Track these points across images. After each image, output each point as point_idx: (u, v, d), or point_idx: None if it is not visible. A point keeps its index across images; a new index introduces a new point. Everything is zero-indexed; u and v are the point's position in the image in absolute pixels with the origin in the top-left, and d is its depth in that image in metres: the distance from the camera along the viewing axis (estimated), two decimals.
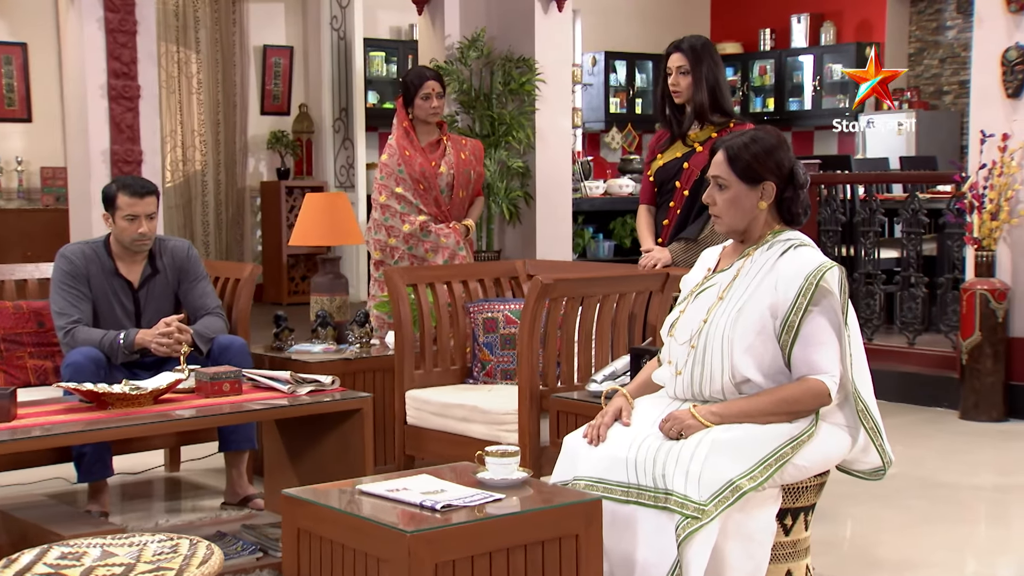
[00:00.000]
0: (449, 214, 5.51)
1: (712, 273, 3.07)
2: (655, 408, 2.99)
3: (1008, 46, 5.91)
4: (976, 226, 5.83)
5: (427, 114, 5.48)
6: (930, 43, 11.33)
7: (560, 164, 7.90)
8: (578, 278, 3.89)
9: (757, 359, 2.86)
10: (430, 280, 4.32)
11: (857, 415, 2.90)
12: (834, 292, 2.83)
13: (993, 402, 5.87)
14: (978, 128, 5.95)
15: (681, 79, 4.38)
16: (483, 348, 4.31)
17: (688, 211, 4.37)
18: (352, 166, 10.71)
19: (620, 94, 11.65)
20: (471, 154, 5.66)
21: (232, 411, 3.64)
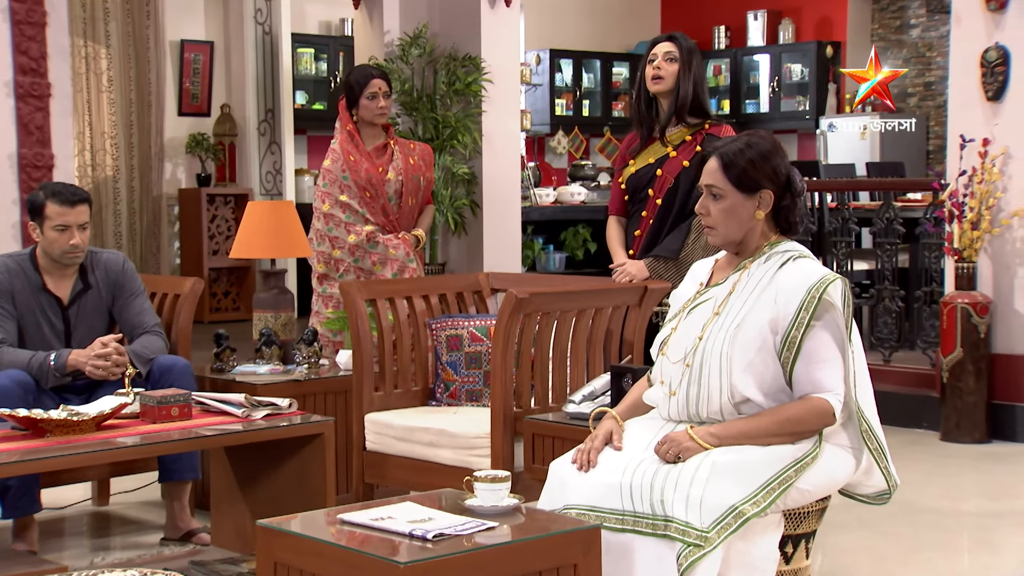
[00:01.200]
0: (398, 224, 5.55)
1: (705, 287, 3.14)
2: (647, 431, 3.05)
3: (987, 46, 6.09)
4: (956, 236, 6.00)
5: (373, 115, 5.52)
6: (893, 42, 11.60)
7: (508, 170, 7.95)
8: (554, 292, 3.95)
9: (757, 377, 2.93)
10: (389, 295, 4.35)
11: (861, 435, 2.99)
12: (837, 306, 2.91)
13: (976, 422, 6.04)
14: (957, 132, 6.13)
15: (667, 65, 4.45)
16: (446, 368, 4.35)
17: (661, 222, 4.44)
18: (279, 172, 10.68)
19: (566, 95, 11.77)
20: (420, 159, 5.70)
21: (182, 438, 3.63)
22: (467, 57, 7.68)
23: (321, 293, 5.52)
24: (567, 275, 7.44)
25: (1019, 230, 6.02)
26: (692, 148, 4.43)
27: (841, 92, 11.57)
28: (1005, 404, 6.09)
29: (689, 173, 4.41)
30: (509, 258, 7.85)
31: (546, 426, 3.74)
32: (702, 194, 4.35)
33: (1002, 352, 6.09)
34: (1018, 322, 6.06)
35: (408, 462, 4.10)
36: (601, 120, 11.94)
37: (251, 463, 3.97)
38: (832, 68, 11.48)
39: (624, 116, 12.09)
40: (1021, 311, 6.04)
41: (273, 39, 10.71)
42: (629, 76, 12.16)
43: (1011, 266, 6.06)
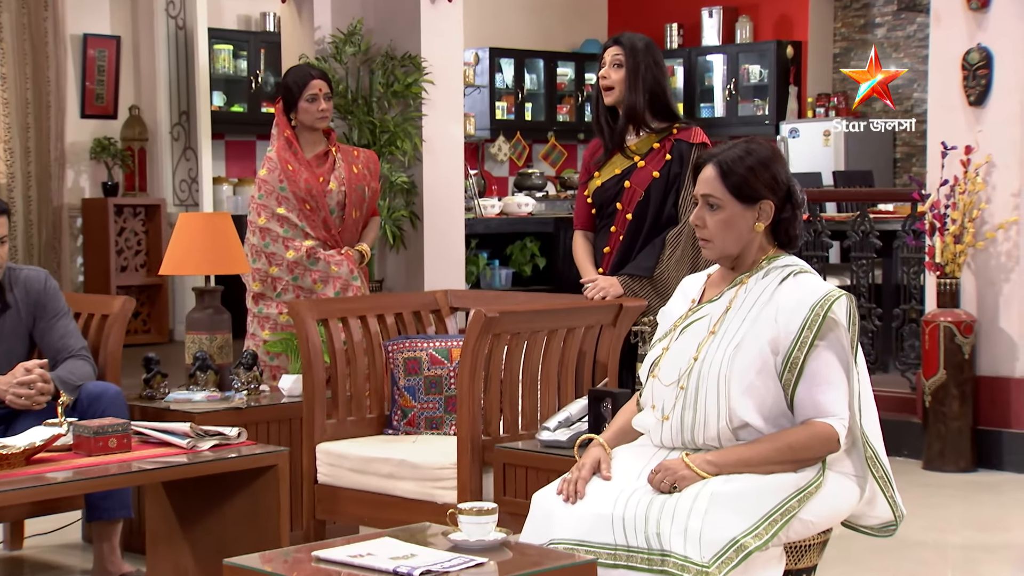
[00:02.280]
0: (340, 238, 5.57)
1: (698, 304, 3.21)
2: (638, 459, 3.11)
3: (969, 48, 6.26)
4: (938, 250, 6.15)
5: (314, 119, 5.54)
6: (858, 42, 11.85)
7: (451, 179, 8.00)
8: (524, 310, 4.00)
9: (757, 401, 3.00)
10: (342, 314, 4.38)
11: (866, 463, 3.07)
12: (842, 324, 3.00)
13: (960, 450, 6.18)
14: (937, 139, 6.28)
15: (613, 71, 4.51)
16: (404, 393, 4.38)
17: (633, 238, 4.51)
18: (195, 181, 10.63)
19: (507, 97, 11.85)
20: (365, 167, 5.73)
21: (121, 472, 3.63)
22: (406, 56, 7.72)
23: (257, 314, 5.52)
24: (534, 292, 7.50)
25: (1004, 244, 6.19)
26: (661, 156, 4.50)
27: (802, 95, 11.78)
28: (991, 430, 6.25)
29: (660, 184, 4.48)
30: (452, 275, 7.89)
31: (518, 455, 3.79)
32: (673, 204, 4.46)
33: (987, 374, 6.24)
34: (1004, 342, 6.22)
35: (364, 496, 4.12)
36: (545, 125, 12.04)
37: (193, 499, 3.97)
38: (793, 69, 11.69)
39: (570, 120, 12.20)
40: (1007, 330, 6.21)
41: (187, 34, 10.66)
42: (575, 77, 12.27)
43: (996, 282, 6.22)
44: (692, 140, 4.50)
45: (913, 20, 11.51)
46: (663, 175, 4.47)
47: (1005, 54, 6.22)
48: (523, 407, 4.05)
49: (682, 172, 4.46)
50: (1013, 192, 6.18)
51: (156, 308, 10.49)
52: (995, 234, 6.17)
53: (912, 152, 11.53)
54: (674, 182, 4.47)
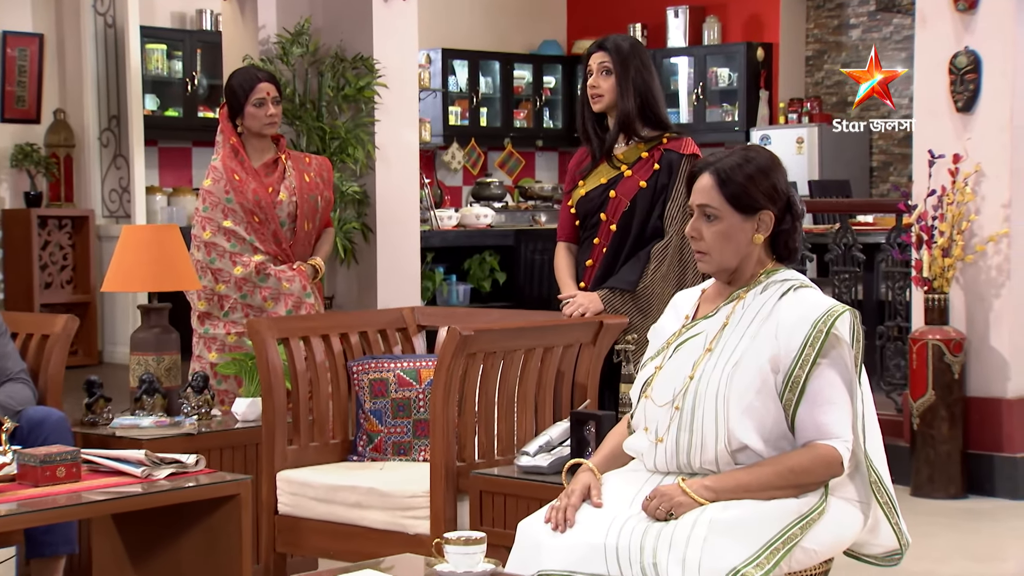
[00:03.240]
0: (292, 252, 5.59)
1: (692, 320, 3.26)
2: (630, 484, 3.15)
3: (957, 51, 6.38)
4: (926, 264, 6.25)
5: (262, 125, 5.56)
6: (831, 44, 12.01)
7: (405, 189, 8.02)
8: (501, 328, 4.04)
9: (757, 422, 3.05)
10: (304, 333, 4.39)
11: (870, 487, 3.13)
12: (846, 341, 3.05)
13: (950, 475, 6.27)
14: (924, 147, 6.39)
15: (602, 79, 4.58)
16: (370, 417, 4.40)
17: (617, 251, 4.56)
18: (126, 190, 10.59)
19: (460, 101, 11.90)
20: (317, 175, 5.76)
21: (71, 504, 3.63)
22: (358, 57, 7.74)
23: (203, 334, 5.52)
24: (504, 308, 7.53)
25: (994, 257, 6.30)
26: (649, 166, 4.56)
27: (774, 99, 11.92)
28: (982, 454, 6.35)
29: (646, 195, 4.54)
30: (406, 291, 7.92)
31: (496, 482, 3.82)
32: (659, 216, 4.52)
33: (977, 395, 6.34)
34: (995, 361, 6.33)
35: (329, 527, 4.14)
36: (501, 131, 12.10)
37: (146, 532, 3.97)
38: (764, 72, 11.82)
39: (527, 126, 12.27)
40: (998, 348, 6.32)
41: (117, 32, 10.64)
42: (532, 80, 12.35)
43: (986, 298, 6.33)
44: (683, 151, 4.56)
45: (890, 21, 11.68)
46: (650, 185, 4.53)
47: (994, 58, 6.33)
48: (499, 431, 4.09)
49: (670, 183, 4.52)
50: (1003, 203, 6.29)
51: (84, 328, 10.40)
52: (985, 247, 6.28)
53: (889, 160, 11.68)
54: (661, 193, 4.53)
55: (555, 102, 12.57)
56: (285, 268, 5.49)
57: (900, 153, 11.59)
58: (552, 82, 12.55)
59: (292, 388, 4.38)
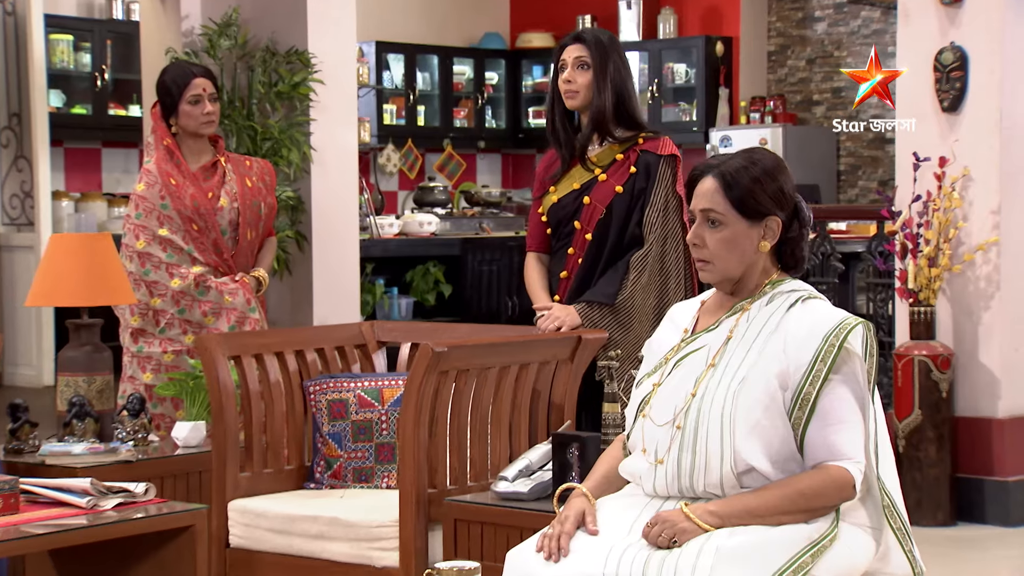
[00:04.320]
0: (234, 263, 5.61)
1: (691, 334, 3.31)
2: (628, 510, 3.20)
3: (942, 47, 6.50)
4: (911, 275, 6.36)
5: (198, 125, 5.58)
6: (795, 39, 12.17)
7: (343, 194, 8.04)
8: (475, 344, 4.08)
9: (764, 442, 3.11)
10: (257, 350, 4.41)
11: (883, 512, 3.20)
12: (859, 355, 3.12)
13: (939, 501, 6.38)
14: (908, 150, 6.51)
15: (579, 74, 4.63)
16: (328, 441, 4.42)
17: (593, 261, 4.62)
18: (29, 195, 10.51)
19: (396, 99, 11.93)
20: (259, 179, 5.78)
21: (8, 538, 3.62)
22: (292, 51, 7.75)
23: (136, 353, 5.52)
24: (467, 324, 7.53)
25: (983, 267, 6.43)
26: (625, 169, 4.62)
27: (734, 98, 12.05)
28: (971, 478, 6.46)
29: (623, 200, 4.59)
30: (345, 305, 7.93)
31: (472, 509, 3.87)
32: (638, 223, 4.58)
33: (966, 415, 6.46)
34: (984, 378, 6.45)
35: (288, 560, 4.17)
36: (440, 131, 12.14)
37: (88, 569, 3.97)
38: (723, 69, 11.95)
39: (468, 126, 12.32)
40: (988, 365, 6.44)
41: (17, 21, 10.56)
42: (474, 76, 12.40)
43: (974, 311, 6.45)
44: (660, 151, 4.62)
45: (857, 14, 11.85)
46: (627, 190, 4.59)
47: (981, 54, 6.46)
48: (472, 455, 4.13)
49: (648, 186, 4.58)
50: (992, 209, 6.42)
51: None
52: (973, 256, 6.40)
53: (858, 163, 11.85)
54: (639, 198, 4.59)
55: (498, 100, 12.64)
56: (227, 280, 5.50)
57: (870, 156, 11.76)
58: (495, 78, 12.60)
59: (244, 410, 4.39)
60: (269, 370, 4.43)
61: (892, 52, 11.45)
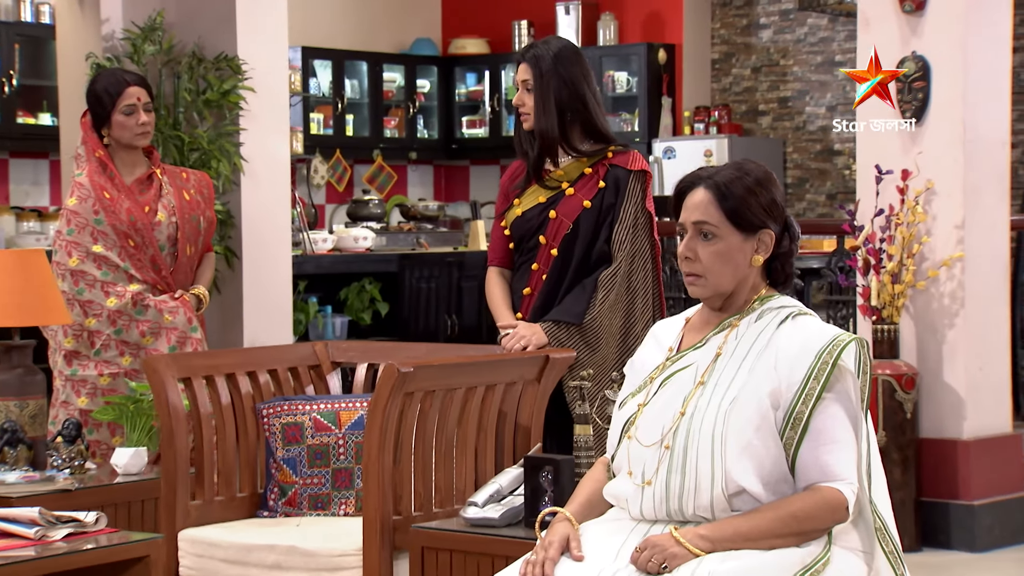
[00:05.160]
0: (172, 280, 5.61)
1: (677, 353, 3.38)
2: (614, 535, 3.26)
3: (903, 56, 6.64)
4: (874, 291, 6.49)
5: (132, 136, 5.60)
6: (739, 46, 12.32)
7: (275, 208, 8.04)
8: (442, 363, 4.13)
9: (756, 463, 3.18)
10: (208, 372, 4.44)
11: (874, 535, 3.28)
12: (852, 373, 3.20)
13: (903, 526, 6.41)
14: (869, 162, 6.64)
15: (527, 98, 4.72)
16: (283, 466, 4.45)
17: (558, 278, 4.69)
18: None
19: (323, 108, 11.93)
20: (198, 192, 5.81)
21: None
22: (221, 57, 7.76)
23: (70, 376, 5.51)
24: (417, 343, 7.53)
25: (947, 283, 6.57)
26: (593, 183, 4.69)
27: (678, 107, 12.17)
28: (936, 502, 6.58)
29: (591, 215, 4.66)
30: (277, 324, 7.93)
31: (441, 536, 3.92)
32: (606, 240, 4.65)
33: (931, 436, 6.59)
34: (949, 399, 6.58)
35: None
36: (370, 141, 12.14)
37: None
38: (666, 77, 12.07)
39: (399, 136, 12.35)
40: (952, 385, 6.57)
41: None
42: (404, 84, 12.43)
43: (939, 328, 6.59)
44: (630, 166, 4.70)
45: (804, 21, 12.02)
46: (595, 205, 4.66)
47: (944, 64, 6.60)
48: (438, 480, 4.17)
49: (617, 202, 4.65)
50: (956, 224, 6.56)
51: None
52: (938, 272, 6.53)
53: (805, 176, 12.00)
54: (607, 213, 4.66)
55: (430, 109, 12.67)
56: (166, 298, 5.51)
57: (817, 168, 11.93)
58: (427, 86, 12.64)
59: (194, 435, 4.41)
60: (220, 392, 4.45)
61: (840, 61, 11.74)
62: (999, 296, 6.78)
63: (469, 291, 9.84)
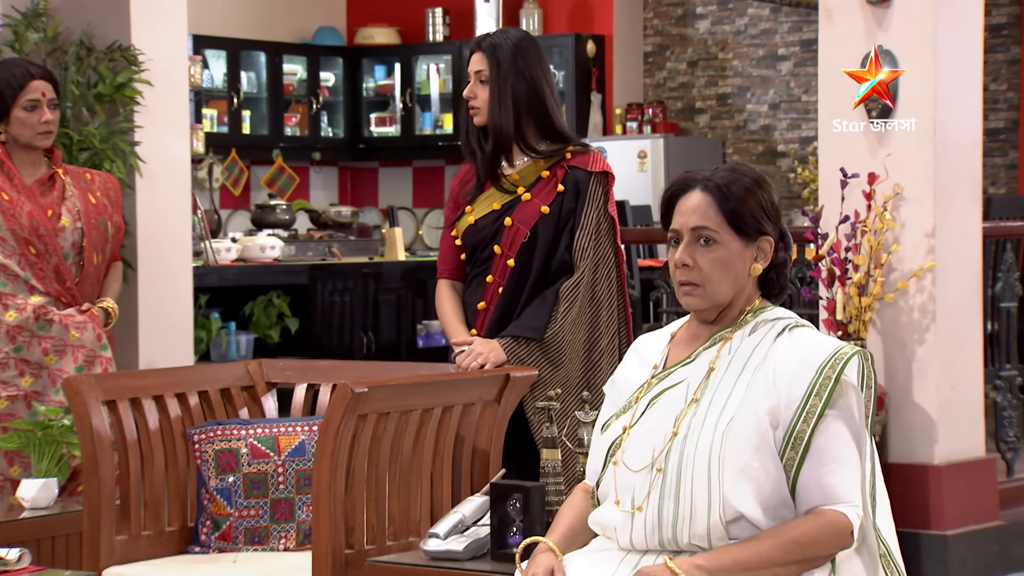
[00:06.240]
0: (78, 292, 5.62)
1: (663, 370, 3.47)
2: (600, 565, 3.33)
3: (868, 51, 6.76)
4: (840, 304, 6.62)
5: (34, 134, 5.61)
6: (674, 38, 12.48)
7: (175, 215, 8.01)
8: (397, 383, 4.19)
9: (755, 487, 3.26)
10: (134, 393, 4.46)
11: (879, 561, 3.38)
12: (856, 388, 3.31)
13: None
14: (834, 165, 6.77)
15: (479, 89, 4.80)
16: (216, 497, 4.49)
17: (516, 290, 4.77)
18: None
19: (216, 103, 11.92)
20: (104, 195, 5.83)
21: None
22: (115, 47, 7.75)
23: None
24: (359, 360, 7.55)
25: (917, 296, 6.71)
26: (552, 187, 4.78)
27: (608, 105, 12.30)
28: (907, 532, 6.68)
29: (550, 222, 4.74)
30: (176, 343, 7.91)
31: (401, 571, 3.96)
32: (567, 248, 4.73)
33: (900, 461, 6.72)
34: (920, 420, 6.72)
35: None
36: (268, 140, 12.16)
37: None
38: (595, 71, 12.19)
39: (301, 134, 12.37)
40: (923, 405, 6.71)
41: None
42: (307, 77, 12.46)
43: (908, 344, 6.73)
44: (591, 168, 4.79)
45: (744, 12, 12.19)
46: (554, 211, 4.74)
47: (912, 59, 6.72)
48: (391, 510, 4.23)
49: (578, 207, 4.74)
50: (926, 231, 6.70)
51: None
52: (907, 284, 6.67)
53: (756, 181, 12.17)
54: (567, 220, 4.74)
55: (335, 104, 12.70)
56: (72, 312, 5.52)
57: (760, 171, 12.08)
58: (331, 79, 12.68)
59: (120, 463, 4.43)
60: (148, 416, 4.48)
61: (784, 55, 11.95)
62: (971, 309, 6.92)
63: (386, 305, 9.90)
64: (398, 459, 4.24)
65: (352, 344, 9.63)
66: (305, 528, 4.45)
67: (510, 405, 4.48)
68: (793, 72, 11.97)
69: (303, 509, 4.46)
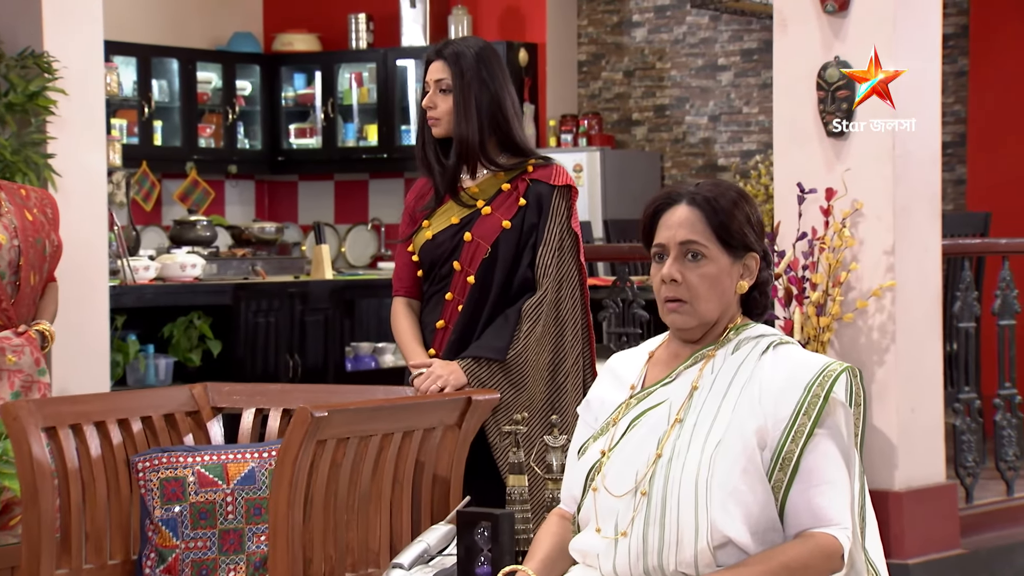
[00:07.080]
0: (14, 314, 5.62)
1: (642, 390, 3.54)
2: None
3: (826, 61, 6.91)
4: (798, 324, 6.74)
5: None
6: (610, 47, 12.58)
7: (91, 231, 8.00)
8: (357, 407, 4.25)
9: (743, 510, 3.34)
10: (75, 420, 4.48)
11: None
12: (845, 405, 3.40)
13: None
14: (790, 180, 6.89)
15: (440, 99, 4.86)
16: (161, 528, 4.50)
17: (476, 309, 4.83)
18: None
19: (127, 112, 11.90)
20: (40, 212, 5.84)
21: None
22: (27, 53, 7.75)
23: None
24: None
25: (877, 316, 6.84)
26: (513, 201, 4.85)
27: (541, 116, 12.38)
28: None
29: (511, 237, 4.81)
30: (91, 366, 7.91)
31: None
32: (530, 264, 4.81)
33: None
34: (878, 444, 6.83)
35: None
36: (181, 152, 12.14)
37: None
38: (528, 81, 12.26)
39: (216, 146, 12.36)
40: (883, 430, 6.84)
41: None
42: (222, 86, 12.46)
43: (867, 365, 6.85)
44: (553, 181, 4.87)
45: (683, 20, 12.29)
46: (515, 225, 4.81)
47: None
48: (350, 539, 4.28)
49: (540, 222, 4.81)
50: (886, 249, 6.84)
51: None
52: (867, 303, 6.80)
53: None
54: (529, 235, 4.81)
55: (252, 114, 12.70)
56: (9, 334, 5.52)
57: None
58: (247, 88, 12.67)
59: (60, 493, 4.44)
60: (90, 443, 4.50)
61: (724, 65, 12.08)
62: (932, 329, 7.06)
63: (313, 326, 9.92)
64: (357, 487, 4.29)
65: (277, 367, 9.65)
66: (256, 560, 4.48)
67: (472, 430, 4.54)
68: (734, 83, 12.10)
69: (253, 540, 4.49)
